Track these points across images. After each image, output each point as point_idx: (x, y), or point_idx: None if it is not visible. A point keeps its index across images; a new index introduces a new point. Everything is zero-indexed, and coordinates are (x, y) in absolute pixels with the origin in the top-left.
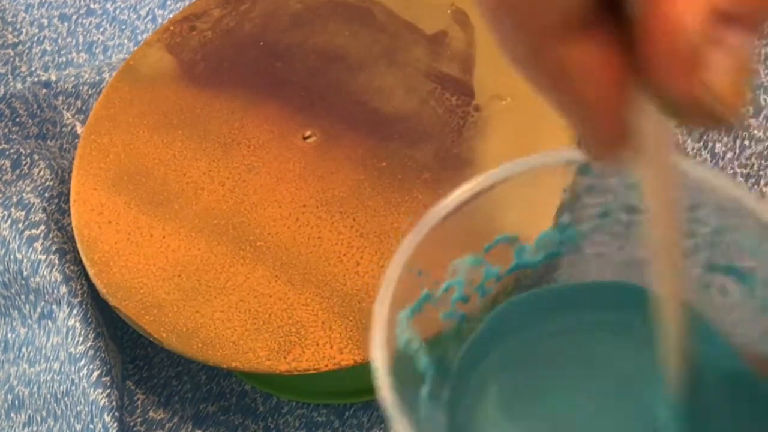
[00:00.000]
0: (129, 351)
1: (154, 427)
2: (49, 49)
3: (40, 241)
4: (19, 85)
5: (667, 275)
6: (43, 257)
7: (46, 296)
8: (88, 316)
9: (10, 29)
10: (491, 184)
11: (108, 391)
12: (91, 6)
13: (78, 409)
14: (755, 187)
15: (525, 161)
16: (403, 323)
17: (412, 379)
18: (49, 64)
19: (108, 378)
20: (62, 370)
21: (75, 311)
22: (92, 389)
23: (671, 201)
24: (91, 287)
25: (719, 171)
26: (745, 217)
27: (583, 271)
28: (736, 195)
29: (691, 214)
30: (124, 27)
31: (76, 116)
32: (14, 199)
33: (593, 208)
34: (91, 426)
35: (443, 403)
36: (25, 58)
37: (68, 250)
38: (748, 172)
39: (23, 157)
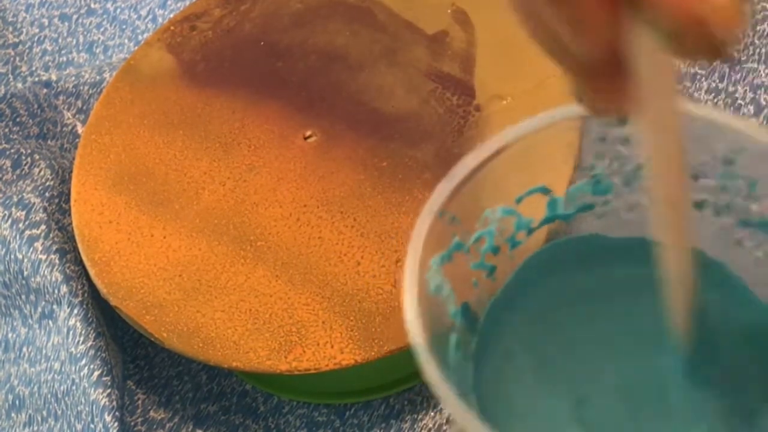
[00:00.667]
0: (130, 351)
1: (154, 426)
2: (49, 48)
3: (41, 240)
4: (19, 85)
5: (671, 224)
6: (43, 257)
7: (47, 296)
8: (89, 315)
9: (10, 29)
10: (524, 134)
11: (108, 390)
12: (92, 6)
13: (78, 408)
14: None
15: (560, 111)
16: (434, 268)
17: (441, 326)
18: (50, 63)
19: (109, 378)
20: (63, 369)
21: (75, 311)
22: (93, 389)
23: (675, 147)
24: (92, 287)
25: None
26: None
27: (615, 224)
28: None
29: (725, 168)
30: (124, 27)
31: (77, 116)
32: (15, 199)
33: (628, 159)
34: (92, 426)
35: (470, 354)
36: (25, 58)
37: (69, 250)
38: None
39: (24, 157)
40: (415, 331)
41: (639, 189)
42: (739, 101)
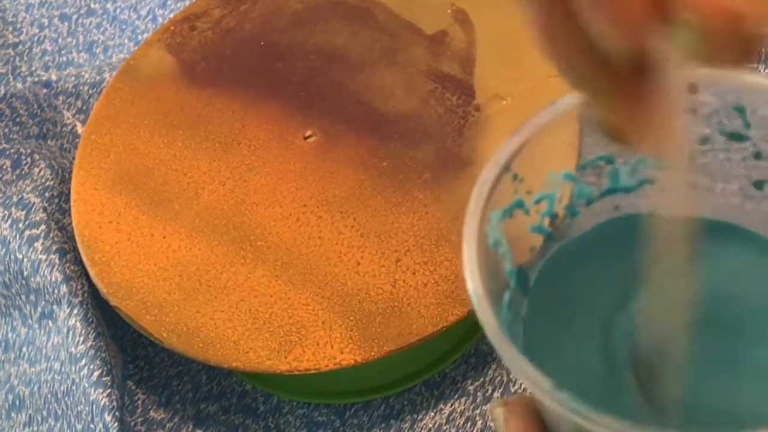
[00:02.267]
0: (129, 351)
1: (154, 426)
2: (49, 49)
3: (41, 240)
4: (19, 85)
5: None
6: (43, 257)
7: (47, 296)
8: (89, 315)
9: (10, 29)
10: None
11: (108, 390)
12: (92, 6)
13: (78, 408)
14: None
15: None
16: (494, 223)
17: (497, 282)
18: (50, 64)
19: (108, 378)
20: (63, 369)
21: (75, 311)
22: (93, 389)
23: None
24: (92, 287)
25: None
26: None
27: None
28: None
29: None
30: (124, 27)
31: (77, 116)
32: (14, 199)
33: (693, 133)
34: (92, 426)
35: (521, 316)
36: (25, 58)
37: (69, 250)
38: None
39: (23, 157)
40: (473, 279)
41: (703, 162)
42: None
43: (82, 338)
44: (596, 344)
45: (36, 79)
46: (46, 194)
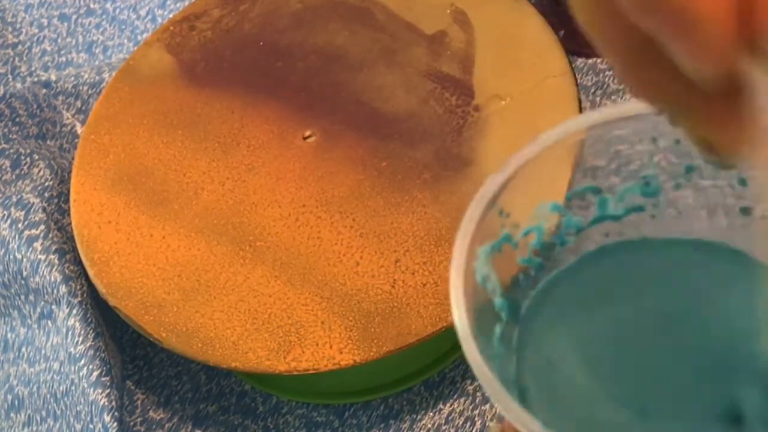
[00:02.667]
0: (129, 351)
1: (153, 427)
2: (48, 49)
3: (40, 241)
4: (18, 85)
5: None
6: (42, 257)
7: (46, 296)
8: (88, 316)
9: (10, 29)
10: (578, 130)
11: (108, 390)
12: (91, 6)
13: (78, 408)
14: None
15: (617, 108)
16: (482, 258)
17: (486, 316)
18: (49, 64)
19: (108, 378)
20: (62, 370)
21: (75, 311)
22: (92, 389)
23: None
24: (91, 287)
25: None
26: None
27: (663, 228)
28: None
29: None
30: (123, 27)
31: (76, 116)
32: (14, 199)
33: (679, 162)
34: (91, 426)
35: (513, 347)
36: (24, 58)
37: (68, 250)
38: None
39: (23, 157)
40: (460, 318)
41: (688, 191)
42: None
43: (81, 338)
44: (591, 372)
45: (35, 79)
46: (46, 194)
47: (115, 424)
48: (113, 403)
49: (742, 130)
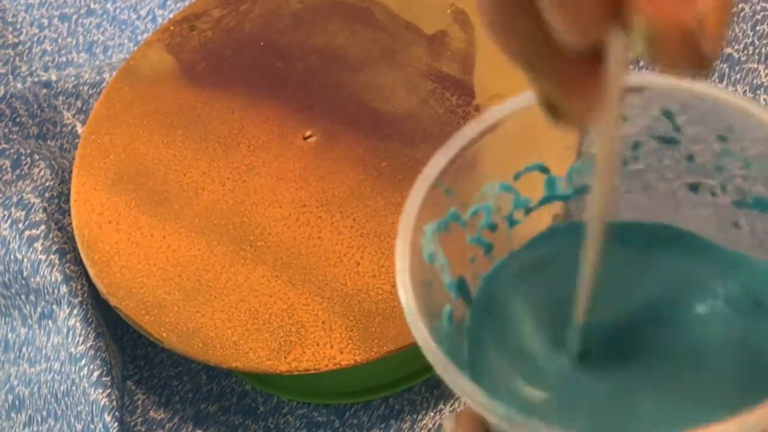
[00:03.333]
0: (129, 351)
1: (154, 427)
2: (49, 49)
3: (41, 241)
4: (19, 85)
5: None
6: (43, 257)
7: (47, 296)
8: (89, 316)
9: (10, 29)
10: (524, 107)
11: (108, 391)
12: (92, 6)
13: (78, 408)
14: None
15: None
16: (428, 235)
17: (435, 295)
18: (49, 64)
19: (108, 378)
20: (63, 370)
21: (75, 311)
22: (93, 389)
23: (613, 148)
24: (92, 287)
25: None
26: None
27: (618, 205)
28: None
29: (722, 145)
30: (124, 27)
31: (77, 116)
32: (14, 199)
33: (625, 140)
34: (92, 426)
35: (464, 328)
36: (25, 58)
37: (68, 250)
38: None
39: (23, 157)
40: (405, 293)
41: (638, 167)
42: None
43: (81, 338)
44: (543, 351)
45: (36, 80)
46: (46, 194)
47: (116, 424)
48: (114, 403)
49: (592, 98)
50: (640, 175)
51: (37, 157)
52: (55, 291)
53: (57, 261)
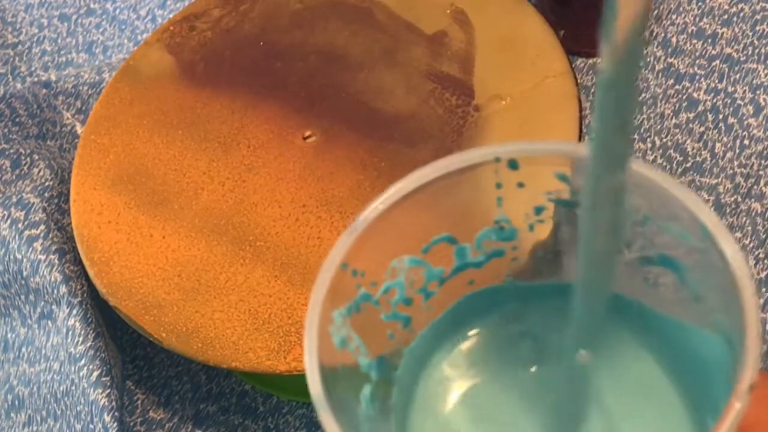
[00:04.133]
0: (129, 351)
1: (154, 427)
2: (48, 49)
3: (40, 241)
4: (18, 85)
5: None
6: (42, 257)
7: (46, 296)
8: (88, 316)
9: (10, 29)
10: (426, 182)
11: (108, 391)
12: (91, 6)
13: (78, 409)
14: (755, 187)
15: (458, 158)
16: (339, 321)
17: (352, 379)
18: (49, 64)
19: (108, 378)
20: (62, 370)
21: (75, 311)
22: (92, 389)
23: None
24: (91, 287)
25: (642, 160)
26: (672, 206)
27: (530, 269)
28: (661, 183)
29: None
30: (123, 27)
31: (76, 116)
32: (14, 199)
33: (525, 204)
34: (91, 426)
35: (390, 405)
36: (24, 58)
37: (68, 250)
38: (748, 172)
39: (23, 157)
40: (314, 386)
41: (542, 234)
42: (738, 101)
43: (81, 338)
44: (478, 417)
45: (35, 80)
46: (46, 194)
47: (116, 424)
48: (113, 403)
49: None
50: (552, 236)
51: (36, 157)
52: (55, 291)
53: (56, 261)
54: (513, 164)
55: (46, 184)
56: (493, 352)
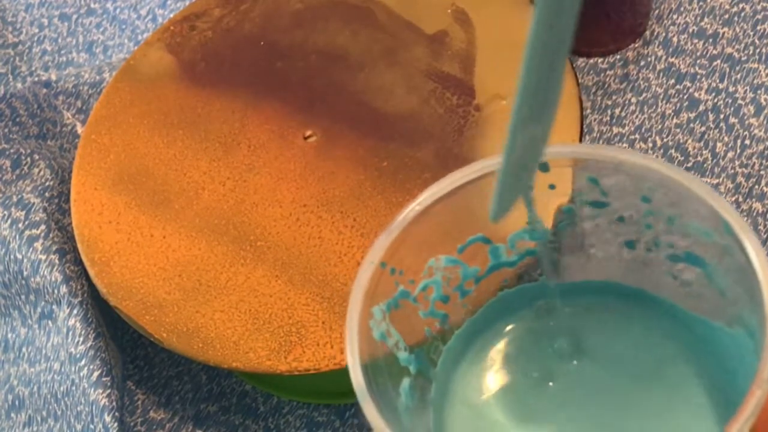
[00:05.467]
0: (129, 351)
1: (154, 427)
2: (49, 48)
3: (41, 241)
4: (19, 85)
5: None
6: (43, 257)
7: (47, 296)
8: (89, 316)
9: (10, 29)
10: (460, 185)
11: (108, 391)
12: (92, 5)
13: (78, 409)
14: (756, 186)
15: (491, 162)
16: (378, 316)
17: (393, 371)
18: (49, 63)
19: (108, 378)
20: (62, 370)
21: (75, 311)
22: (92, 389)
23: None
24: (92, 287)
25: (656, 157)
26: (695, 204)
27: (562, 268)
28: (683, 182)
29: (647, 206)
30: (124, 27)
31: (77, 116)
32: (14, 199)
33: (556, 205)
34: (92, 426)
35: (429, 400)
36: (25, 58)
37: (68, 250)
38: (749, 172)
39: (23, 157)
40: (356, 376)
41: (571, 235)
42: (739, 101)
43: (81, 338)
44: (512, 417)
45: (36, 79)
46: (46, 194)
47: (116, 424)
48: (114, 403)
49: None
50: (580, 238)
51: (37, 157)
52: (55, 291)
53: (57, 261)
54: (544, 167)
55: (47, 184)
56: (528, 348)
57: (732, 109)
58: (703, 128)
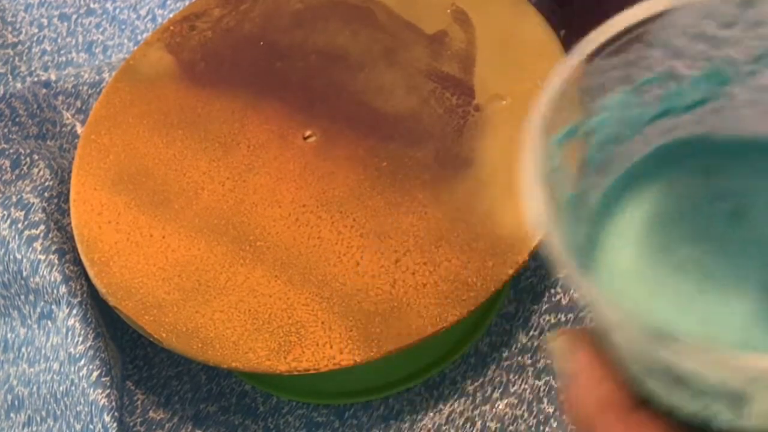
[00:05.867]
0: (129, 351)
1: (153, 427)
2: (48, 48)
3: (40, 241)
4: (18, 85)
5: None
6: (42, 257)
7: (46, 296)
8: (88, 316)
9: (9, 29)
10: (651, 15)
11: (108, 391)
12: (91, 6)
13: (78, 409)
14: None
15: None
16: (554, 146)
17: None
18: (49, 63)
19: (108, 378)
20: (62, 370)
21: (75, 311)
22: (92, 389)
23: None
24: (91, 287)
25: None
26: None
27: (736, 119)
28: None
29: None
30: (124, 27)
31: (76, 116)
32: (14, 199)
33: (750, 47)
34: (91, 426)
35: (583, 235)
36: (24, 58)
37: (68, 250)
38: None
39: (23, 157)
40: (537, 198)
41: (759, 84)
42: None
43: (81, 338)
44: (692, 269)
45: (35, 79)
46: (46, 194)
47: (115, 424)
48: (113, 403)
49: None
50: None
51: (36, 157)
52: (55, 291)
53: (56, 261)
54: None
55: (46, 184)
56: (689, 207)
57: None
58: None
